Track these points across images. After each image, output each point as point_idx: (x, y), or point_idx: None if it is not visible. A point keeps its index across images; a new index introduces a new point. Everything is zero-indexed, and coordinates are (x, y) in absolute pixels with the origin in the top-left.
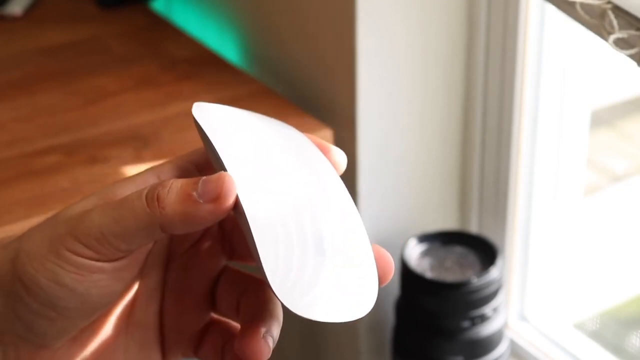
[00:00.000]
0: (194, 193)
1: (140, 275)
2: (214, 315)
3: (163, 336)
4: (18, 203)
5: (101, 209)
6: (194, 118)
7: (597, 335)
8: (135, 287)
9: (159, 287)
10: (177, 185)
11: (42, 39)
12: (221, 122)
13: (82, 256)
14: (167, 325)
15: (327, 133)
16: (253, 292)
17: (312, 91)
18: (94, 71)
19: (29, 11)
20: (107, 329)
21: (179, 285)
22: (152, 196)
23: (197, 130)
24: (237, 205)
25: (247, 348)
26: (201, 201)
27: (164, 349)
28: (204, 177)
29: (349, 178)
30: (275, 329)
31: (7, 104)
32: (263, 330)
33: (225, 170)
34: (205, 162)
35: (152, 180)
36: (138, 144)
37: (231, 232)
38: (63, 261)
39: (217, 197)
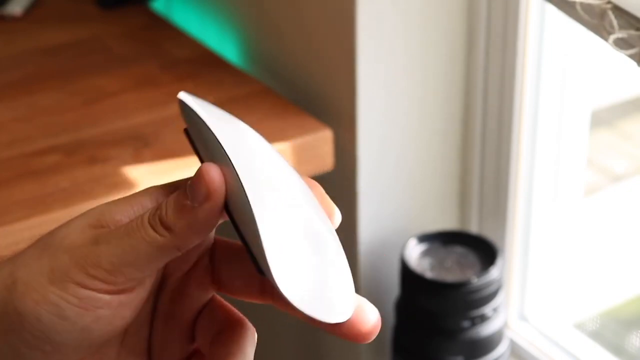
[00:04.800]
0: (187, 201)
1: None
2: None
3: None
4: (18, 203)
5: (106, 239)
6: (182, 102)
7: (597, 335)
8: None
9: (150, 314)
10: (171, 202)
11: (42, 39)
12: (210, 112)
13: (91, 288)
14: (154, 353)
15: (327, 133)
16: (229, 334)
17: (312, 91)
18: (94, 71)
19: (29, 11)
20: (100, 357)
21: (167, 313)
22: (156, 222)
23: (185, 116)
24: (233, 195)
25: None
26: (196, 205)
27: None
28: (189, 182)
29: (349, 178)
30: None
31: (7, 104)
32: None
33: (226, 155)
34: None
35: (147, 202)
36: (138, 144)
37: (221, 263)
38: (68, 294)
39: (208, 194)
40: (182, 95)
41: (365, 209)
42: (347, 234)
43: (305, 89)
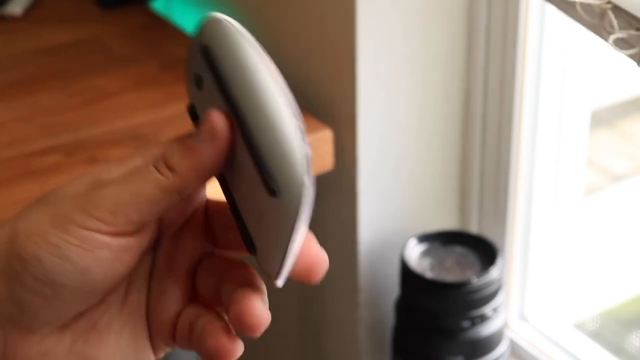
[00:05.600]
0: (192, 142)
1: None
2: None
3: (149, 324)
4: (18, 203)
5: (109, 184)
6: (215, 28)
7: (597, 335)
8: (126, 280)
9: (148, 273)
10: (176, 144)
11: (42, 39)
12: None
13: (92, 229)
14: (150, 312)
15: (327, 133)
16: (235, 274)
17: (312, 91)
18: (94, 71)
19: (29, 11)
20: (100, 316)
21: (163, 267)
22: (160, 163)
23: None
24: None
25: (250, 316)
26: (201, 146)
27: (151, 339)
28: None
29: (349, 178)
30: (266, 300)
31: (7, 104)
32: (260, 296)
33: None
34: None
35: (142, 162)
36: (138, 144)
37: (214, 222)
38: (69, 235)
39: (214, 134)
40: (220, 16)
41: (365, 209)
42: (347, 234)
43: (305, 89)
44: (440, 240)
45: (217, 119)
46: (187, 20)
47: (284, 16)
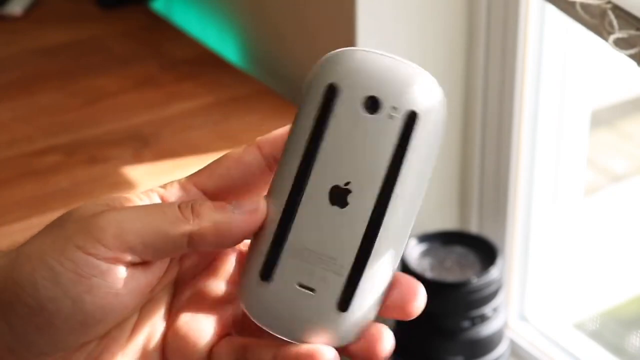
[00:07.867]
0: (228, 205)
1: (145, 305)
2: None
3: (167, 357)
4: (18, 203)
5: (124, 208)
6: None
7: (597, 335)
8: (136, 315)
9: (166, 309)
10: (209, 202)
11: (42, 39)
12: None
13: (89, 253)
14: (174, 346)
15: None
16: None
17: None
18: (94, 71)
19: (29, 11)
20: (102, 350)
21: (189, 306)
22: (187, 205)
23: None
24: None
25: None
26: (236, 212)
27: None
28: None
29: None
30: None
31: (7, 104)
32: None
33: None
34: (211, 187)
35: (155, 199)
36: (138, 144)
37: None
38: (65, 258)
39: (255, 209)
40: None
41: None
42: None
43: None
44: (440, 240)
45: (263, 205)
46: (187, 20)
47: (284, 16)
